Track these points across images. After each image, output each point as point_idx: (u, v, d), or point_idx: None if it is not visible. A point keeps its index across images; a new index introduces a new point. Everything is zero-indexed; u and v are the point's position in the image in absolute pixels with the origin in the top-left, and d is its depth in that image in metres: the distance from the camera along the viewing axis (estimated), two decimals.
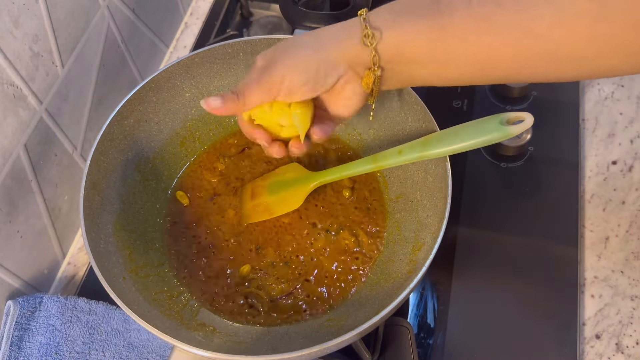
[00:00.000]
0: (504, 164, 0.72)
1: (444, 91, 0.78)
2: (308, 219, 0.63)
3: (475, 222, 0.68)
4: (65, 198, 0.69)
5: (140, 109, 0.63)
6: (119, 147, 0.61)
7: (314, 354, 0.48)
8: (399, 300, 0.49)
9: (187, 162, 0.68)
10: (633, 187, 0.70)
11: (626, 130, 0.74)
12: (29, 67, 0.60)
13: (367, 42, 0.47)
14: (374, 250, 0.61)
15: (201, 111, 0.67)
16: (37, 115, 0.62)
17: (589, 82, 0.79)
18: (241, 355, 0.47)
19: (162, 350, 0.62)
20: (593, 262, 0.65)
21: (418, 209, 0.60)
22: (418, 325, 0.63)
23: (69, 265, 0.70)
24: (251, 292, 0.59)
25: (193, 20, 0.92)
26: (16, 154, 0.60)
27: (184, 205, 0.65)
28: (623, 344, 0.61)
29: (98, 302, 0.63)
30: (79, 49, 0.67)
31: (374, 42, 0.47)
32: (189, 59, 0.64)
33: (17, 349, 0.60)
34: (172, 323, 0.54)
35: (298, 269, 0.60)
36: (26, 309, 0.61)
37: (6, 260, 0.60)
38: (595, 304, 0.63)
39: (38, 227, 0.65)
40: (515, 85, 0.76)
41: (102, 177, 0.59)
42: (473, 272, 0.65)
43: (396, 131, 0.63)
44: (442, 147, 0.54)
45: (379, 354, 0.59)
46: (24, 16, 0.58)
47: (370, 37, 0.47)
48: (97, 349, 0.61)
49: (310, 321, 0.57)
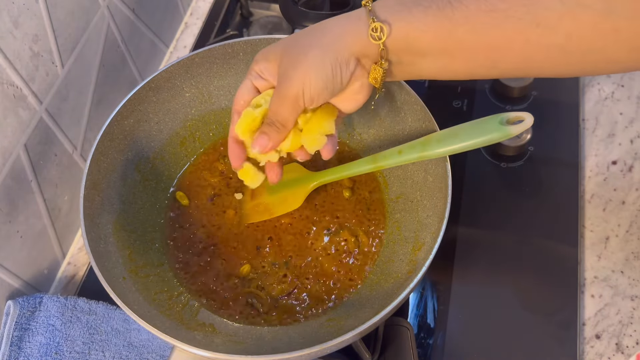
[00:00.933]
0: (504, 164, 0.72)
1: (444, 91, 0.79)
2: (308, 219, 0.63)
3: (475, 222, 0.68)
4: (65, 198, 0.69)
5: (140, 109, 0.63)
6: (119, 147, 0.61)
7: (314, 354, 0.48)
8: (399, 300, 0.49)
9: (187, 162, 0.68)
10: (633, 187, 0.70)
11: (626, 130, 0.74)
12: (29, 67, 0.60)
13: (375, 36, 0.46)
14: (373, 250, 0.61)
15: (201, 111, 0.67)
16: (37, 115, 0.62)
17: (589, 82, 0.79)
18: (241, 355, 0.47)
19: (162, 350, 0.62)
20: (593, 262, 0.65)
21: (418, 209, 0.60)
22: (418, 325, 0.63)
23: (69, 265, 0.70)
24: (251, 292, 0.59)
25: (193, 20, 0.92)
26: (16, 154, 0.60)
27: (184, 205, 0.65)
28: (623, 344, 0.61)
29: (98, 302, 0.63)
30: (79, 49, 0.67)
31: (382, 37, 0.46)
32: (189, 59, 0.64)
33: (17, 349, 0.60)
34: (172, 323, 0.54)
35: (298, 269, 0.60)
36: (26, 309, 0.61)
37: (6, 260, 0.60)
38: (595, 304, 0.63)
39: (38, 227, 0.65)
40: (516, 85, 0.76)
41: (102, 177, 0.59)
42: (473, 272, 0.65)
43: (396, 131, 0.63)
44: (442, 147, 0.54)
45: (379, 354, 0.59)
46: (24, 16, 0.58)
47: (379, 31, 0.46)
48: (97, 349, 0.61)
49: (310, 321, 0.57)
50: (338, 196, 0.64)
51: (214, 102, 0.68)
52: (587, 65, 0.45)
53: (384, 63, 0.48)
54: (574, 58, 0.44)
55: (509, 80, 0.76)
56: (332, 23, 0.49)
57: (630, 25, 0.41)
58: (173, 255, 0.62)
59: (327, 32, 0.48)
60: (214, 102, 0.68)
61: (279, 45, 0.51)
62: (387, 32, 0.46)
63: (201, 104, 0.67)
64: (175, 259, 0.61)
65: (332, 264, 0.60)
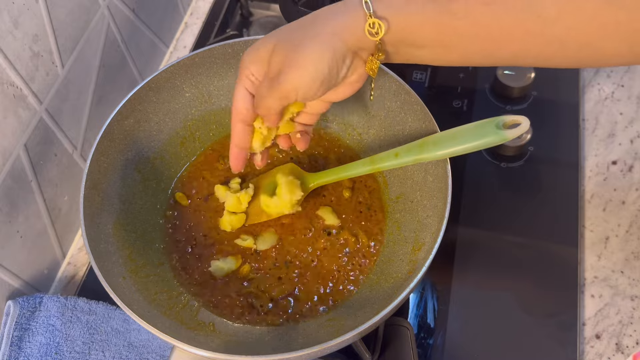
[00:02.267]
0: (504, 164, 0.72)
1: (444, 91, 0.79)
2: (308, 219, 0.63)
3: (475, 222, 0.68)
4: (65, 198, 0.69)
5: (140, 109, 0.63)
6: (119, 147, 0.61)
7: (314, 354, 0.48)
8: (399, 300, 0.49)
9: (187, 162, 0.67)
10: (633, 187, 0.70)
11: (626, 130, 0.74)
12: (29, 67, 0.60)
13: (373, 32, 0.46)
14: (373, 250, 0.61)
15: (201, 111, 0.67)
16: (37, 115, 0.62)
17: (589, 82, 0.79)
18: (241, 355, 0.47)
19: (162, 350, 0.62)
20: (593, 262, 0.65)
21: (418, 209, 0.60)
22: (418, 325, 0.63)
23: (69, 265, 0.70)
24: (251, 292, 0.59)
25: (193, 20, 0.92)
26: (16, 154, 0.60)
27: (183, 205, 0.65)
28: (623, 344, 0.61)
29: (98, 302, 0.63)
30: (79, 49, 0.67)
31: (380, 33, 0.46)
32: (189, 59, 0.64)
33: (17, 349, 0.60)
34: (172, 323, 0.54)
35: (298, 269, 0.60)
36: (26, 309, 0.61)
37: (6, 260, 0.60)
38: (595, 304, 0.63)
39: (38, 227, 0.65)
40: (516, 85, 0.76)
41: (102, 177, 0.59)
42: (473, 272, 0.65)
43: (396, 131, 0.63)
44: (439, 150, 0.54)
45: (379, 354, 0.59)
46: (24, 16, 0.58)
47: (376, 27, 0.45)
48: (97, 349, 0.61)
49: (310, 321, 0.57)
50: (338, 196, 0.64)
51: (214, 102, 0.68)
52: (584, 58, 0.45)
53: (380, 55, 0.48)
54: (572, 50, 0.44)
55: (509, 80, 0.76)
56: (326, 15, 0.48)
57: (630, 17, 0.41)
58: (173, 255, 0.62)
59: (323, 27, 0.47)
60: (214, 102, 0.68)
61: (268, 43, 0.49)
62: (384, 29, 0.46)
63: (201, 104, 0.67)
64: (175, 259, 0.61)
65: (332, 264, 0.60)
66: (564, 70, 0.78)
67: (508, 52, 0.46)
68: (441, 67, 0.80)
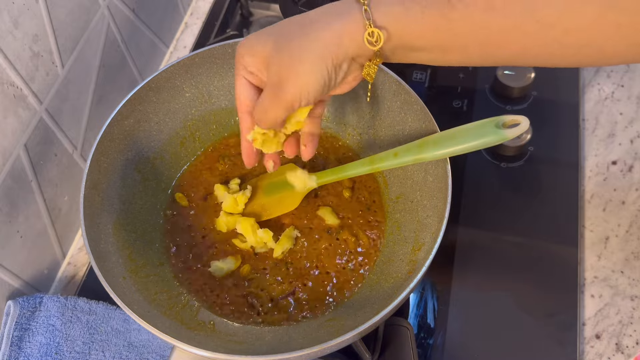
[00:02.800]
0: (504, 164, 0.72)
1: (444, 91, 0.79)
2: (308, 219, 0.63)
3: (475, 222, 0.68)
4: (65, 198, 0.69)
5: (140, 109, 0.63)
6: (119, 147, 0.61)
7: (314, 354, 0.48)
8: (399, 300, 0.49)
9: (187, 162, 0.68)
10: (633, 187, 0.70)
11: (626, 130, 0.74)
12: (29, 67, 0.60)
13: (372, 41, 0.46)
14: (373, 250, 0.61)
15: (201, 111, 0.67)
16: (37, 115, 0.62)
17: (589, 82, 0.79)
18: (241, 355, 0.47)
19: (162, 350, 0.62)
20: (593, 262, 0.65)
21: (418, 209, 0.60)
22: (418, 325, 0.63)
23: (69, 265, 0.70)
24: (251, 292, 0.59)
25: (193, 20, 0.92)
26: (16, 154, 0.60)
27: (183, 205, 0.65)
28: (623, 344, 0.61)
29: (98, 302, 0.63)
30: (79, 49, 0.67)
31: (380, 42, 0.46)
32: (189, 59, 0.64)
33: (17, 349, 0.60)
34: (172, 323, 0.54)
35: (298, 269, 0.60)
36: (26, 309, 0.61)
37: (6, 260, 0.61)
38: (595, 304, 0.63)
39: (38, 227, 0.65)
40: (516, 85, 0.76)
41: (102, 177, 0.59)
42: (473, 272, 0.65)
43: (396, 131, 0.63)
44: (438, 150, 0.54)
45: (379, 354, 0.59)
46: (24, 16, 0.58)
47: (375, 36, 0.45)
48: (97, 349, 0.61)
49: (310, 321, 0.57)
50: (338, 196, 0.64)
51: (214, 102, 0.68)
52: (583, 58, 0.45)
53: (378, 60, 0.48)
54: (571, 51, 0.44)
55: (509, 81, 0.76)
56: (325, 19, 0.47)
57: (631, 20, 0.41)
58: (173, 255, 0.62)
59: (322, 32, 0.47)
60: (214, 102, 0.68)
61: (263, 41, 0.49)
62: (384, 39, 0.46)
63: (201, 104, 0.67)
64: (175, 258, 0.61)
65: (332, 264, 0.60)
66: (563, 70, 0.78)
67: (507, 53, 0.46)
68: (441, 67, 0.80)
